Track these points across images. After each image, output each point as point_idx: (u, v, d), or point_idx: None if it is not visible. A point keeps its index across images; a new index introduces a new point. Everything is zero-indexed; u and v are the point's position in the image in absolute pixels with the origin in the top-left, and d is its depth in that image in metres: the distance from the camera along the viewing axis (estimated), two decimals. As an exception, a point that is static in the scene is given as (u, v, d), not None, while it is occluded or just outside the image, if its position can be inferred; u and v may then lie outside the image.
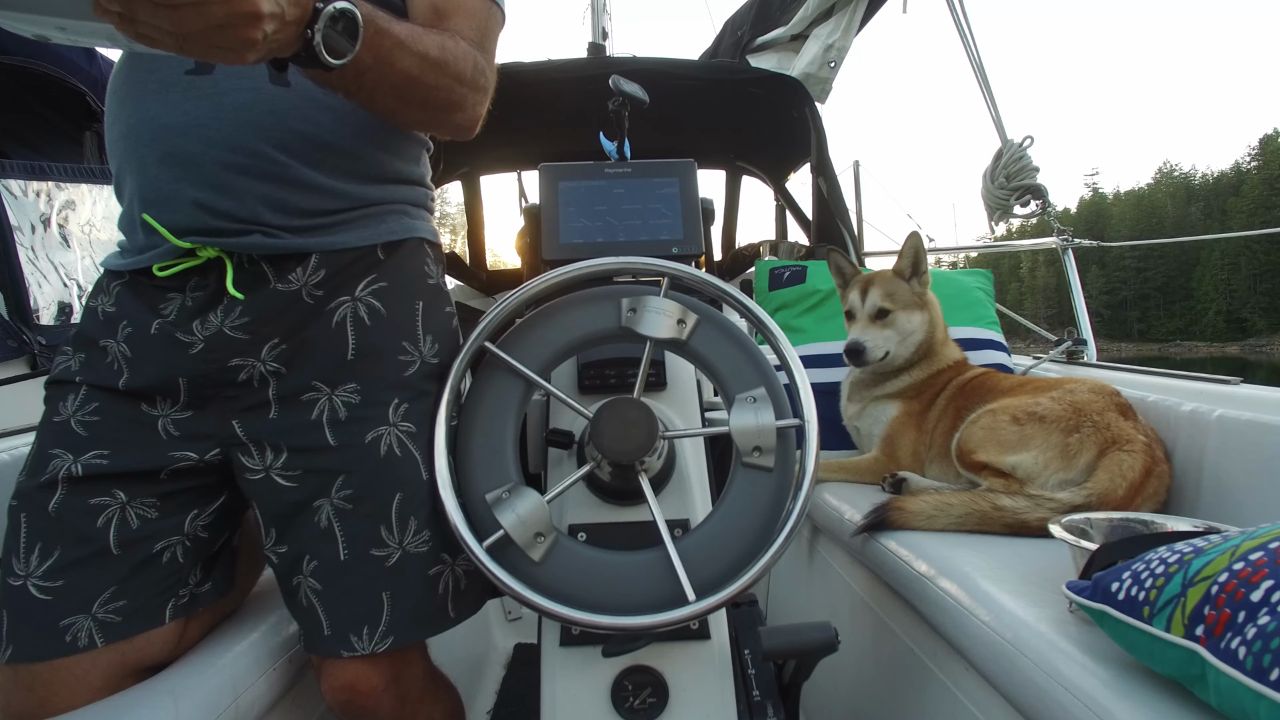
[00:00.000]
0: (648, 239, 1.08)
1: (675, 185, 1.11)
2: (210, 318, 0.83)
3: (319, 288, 0.86)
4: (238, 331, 0.83)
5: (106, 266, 0.91)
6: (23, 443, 1.25)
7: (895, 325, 1.55)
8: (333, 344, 0.86)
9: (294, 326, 0.85)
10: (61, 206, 2.34)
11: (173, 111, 0.81)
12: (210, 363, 0.83)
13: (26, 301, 2.07)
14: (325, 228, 0.86)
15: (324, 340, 0.86)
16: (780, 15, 2.56)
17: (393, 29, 0.73)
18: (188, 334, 0.83)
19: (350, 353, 0.87)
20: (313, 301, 0.85)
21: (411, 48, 0.75)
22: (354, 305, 0.87)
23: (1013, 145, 2.06)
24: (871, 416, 1.60)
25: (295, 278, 0.85)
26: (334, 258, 0.86)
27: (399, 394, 0.88)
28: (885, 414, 1.57)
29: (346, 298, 0.87)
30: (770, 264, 2.20)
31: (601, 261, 0.91)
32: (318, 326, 0.86)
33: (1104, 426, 1.25)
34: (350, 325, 0.87)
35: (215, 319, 0.83)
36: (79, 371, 0.86)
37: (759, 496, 0.85)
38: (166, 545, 0.84)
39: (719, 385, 0.91)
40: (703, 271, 0.92)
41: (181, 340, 0.83)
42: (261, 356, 0.84)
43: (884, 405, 1.59)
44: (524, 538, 0.81)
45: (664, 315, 0.90)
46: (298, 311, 0.85)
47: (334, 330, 0.86)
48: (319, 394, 0.86)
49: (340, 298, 0.87)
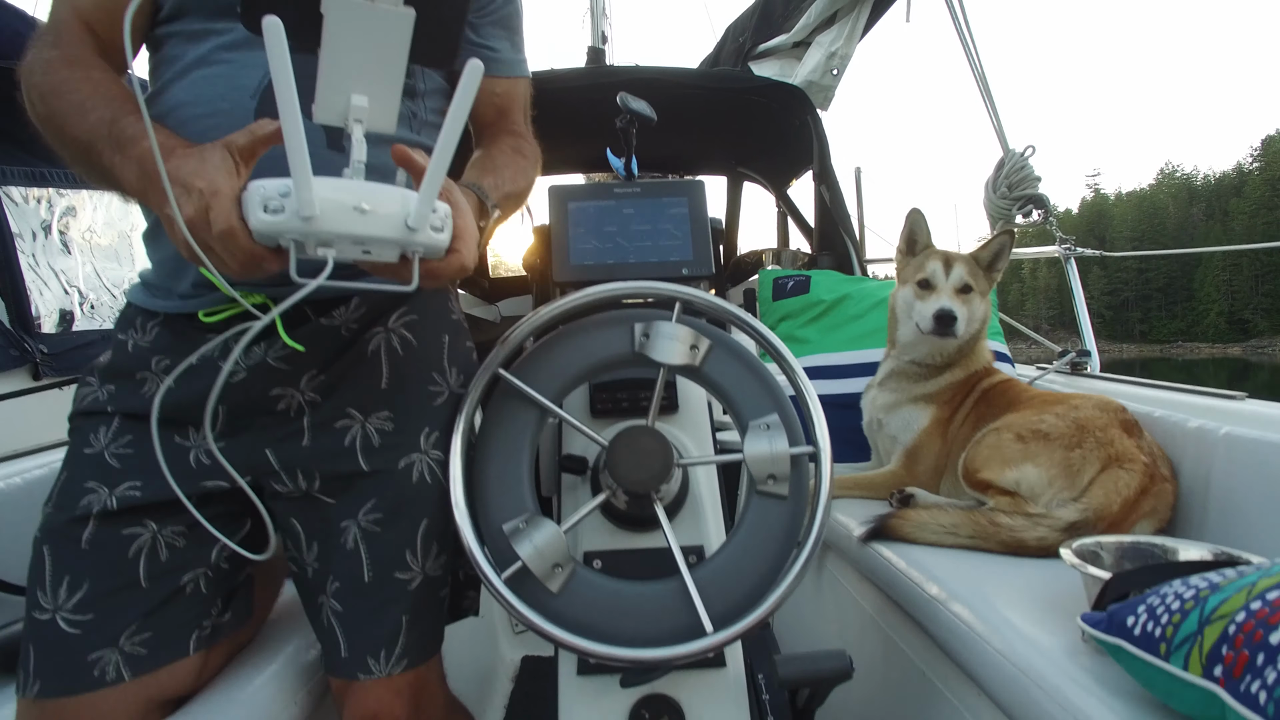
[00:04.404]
0: (658, 260, 1.08)
1: (684, 205, 1.10)
2: (254, 349, 0.84)
3: (356, 322, 0.88)
4: (280, 362, 0.84)
5: (138, 304, 0.89)
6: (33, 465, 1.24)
7: (971, 305, 1.50)
8: (368, 373, 0.88)
9: (331, 357, 0.87)
10: (62, 213, 2.33)
11: None
12: (251, 391, 0.84)
13: (28, 309, 2.06)
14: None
15: (359, 370, 0.88)
16: (782, 23, 2.56)
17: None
18: (227, 359, 0.83)
19: (384, 382, 0.89)
20: (349, 334, 0.88)
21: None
22: (387, 336, 0.90)
23: (1014, 155, 2.05)
24: (902, 419, 1.56)
25: (338, 315, 0.87)
26: (374, 295, 0.88)
27: (430, 422, 0.90)
28: (916, 421, 1.53)
29: (380, 328, 0.90)
30: (774, 274, 2.19)
31: (613, 287, 0.91)
32: (353, 356, 0.88)
33: (1106, 443, 1.24)
34: (384, 355, 0.89)
35: (259, 350, 0.84)
36: (109, 402, 0.86)
37: (774, 525, 0.85)
38: (192, 577, 0.85)
39: (732, 411, 0.91)
40: (714, 295, 0.91)
41: (222, 368, 0.83)
42: (300, 386, 0.86)
43: (918, 410, 1.55)
44: (542, 569, 0.81)
45: (677, 341, 0.89)
46: (336, 343, 0.87)
47: (369, 360, 0.89)
48: (352, 421, 0.87)
49: (374, 328, 0.89)
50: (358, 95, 0.69)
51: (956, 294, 1.49)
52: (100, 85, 0.79)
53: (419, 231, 0.66)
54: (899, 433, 1.56)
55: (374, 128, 0.70)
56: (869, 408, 1.66)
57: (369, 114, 0.69)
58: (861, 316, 2.02)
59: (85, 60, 0.82)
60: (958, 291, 1.50)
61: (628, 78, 2.37)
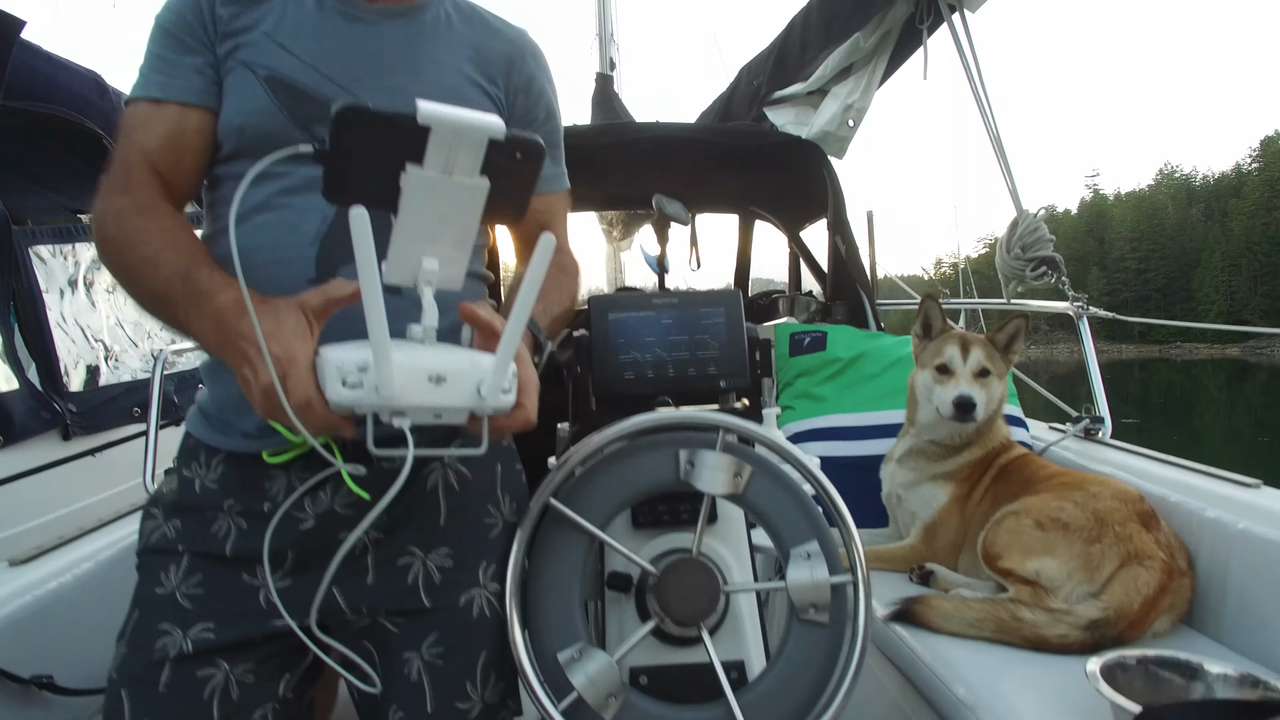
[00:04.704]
0: (696, 373, 1.11)
1: (721, 315, 1.14)
2: (320, 495, 0.87)
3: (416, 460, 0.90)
4: (347, 509, 0.87)
5: (199, 438, 0.92)
6: (80, 557, 1.27)
7: (989, 389, 1.55)
8: (427, 510, 0.92)
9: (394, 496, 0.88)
10: (88, 267, 2.36)
11: None
12: (318, 538, 0.87)
13: (58, 369, 2.09)
14: None
15: (418, 507, 0.91)
16: (798, 71, 2.58)
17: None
18: (299, 509, 0.86)
19: (442, 519, 0.92)
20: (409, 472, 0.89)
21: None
22: (444, 472, 0.93)
23: (1028, 216, 2.08)
24: (921, 497, 1.61)
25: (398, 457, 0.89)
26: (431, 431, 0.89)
27: (487, 555, 0.93)
28: (936, 498, 1.58)
29: (436, 464, 0.93)
30: (789, 328, 2.22)
31: (660, 416, 0.94)
32: (413, 494, 0.90)
33: (1125, 538, 1.28)
34: (442, 492, 0.93)
35: (325, 497, 0.87)
36: (179, 540, 0.88)
37: (815, 652, 0.88)
38: (262, 713, 0.87)
39: (773, 536, 0.94)
40: (757, 426, 0.95)
41: (294, 515, 0.86)
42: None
43: (937, 487, 1.59)
44: (596, 699, 0.85)
45: (720, 471, 0.93)
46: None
47: (428, 496, 0.92)
48: (413, 558, 0.90)
49: (431, 464, 0.92)
50: (429, 259, 0.71)
51: (975, 378, 1.53)
52: (170, 234, 0.82)
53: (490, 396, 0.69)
54: (918, 509, 1.60)
55: (442, 287, 0.73)
56: (888, 481, 1.69)
57: (438, 275, 0.71)
58: (878, 376, 2.06)
59: (154, 207, 0.85)
60: (976, 376, 1.53)
61: (648, 135, 2.41)
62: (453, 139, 0.66)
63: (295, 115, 0.88)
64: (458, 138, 0.67)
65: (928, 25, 2.22)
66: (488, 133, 0.67)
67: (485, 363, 0.71)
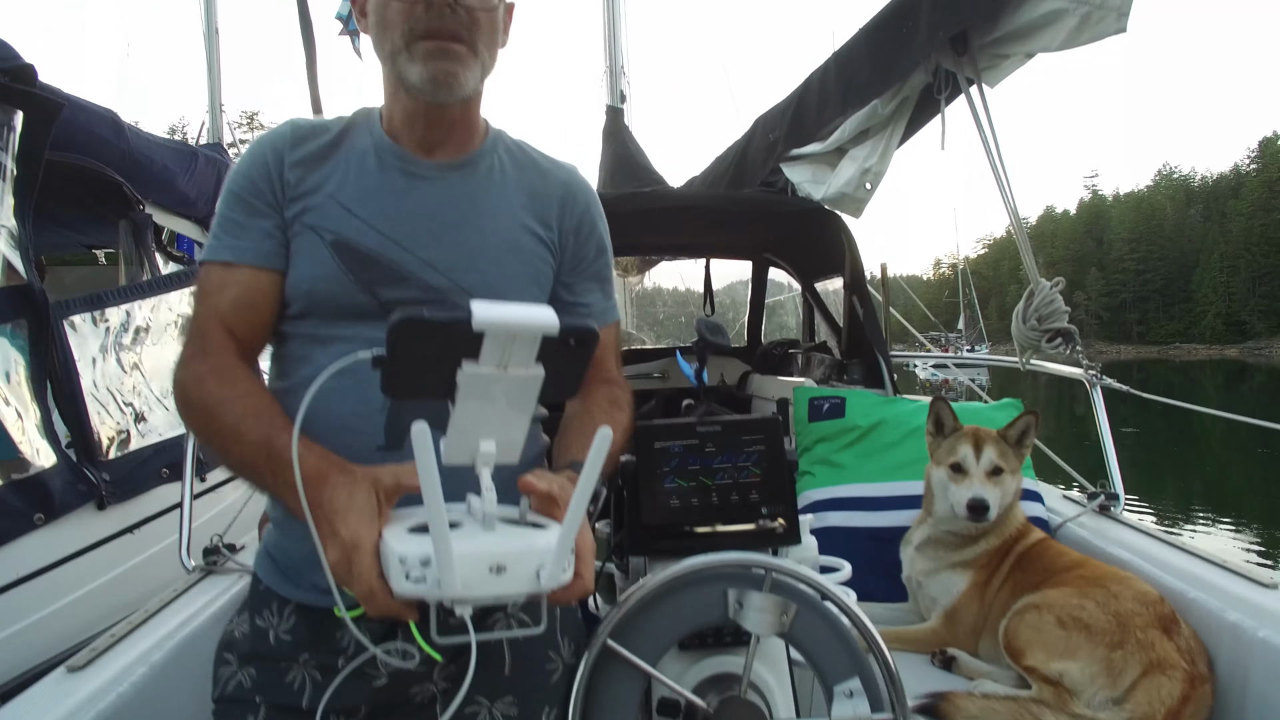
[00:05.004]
0: (738, 499, 1.15)
1: (762, 443, 1.18)
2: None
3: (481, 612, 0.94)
4: (419, 666, 0.90)
5: (270, 586, 0.95)
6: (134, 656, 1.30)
7: (1002, 485, 1.61)
8: (493, 660, 0.95)
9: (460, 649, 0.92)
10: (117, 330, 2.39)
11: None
12: (392, 693, 0.91)
13: (92, 439, 2.13)
14: None
15: (485, 657, 0.94)
16: (816, 131, 2.62)
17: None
18: (371, 666, 0.90)
19: (507, 668, 0.96)
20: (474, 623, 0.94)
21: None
22: (507, 621, 0.97)
23: (1044, 288, 2.12)
24: (940, 584, 1.66)
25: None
26: None
27: (549, 700, 0.97)
28: (955, 585, 1.63)
29: (500, 613, 0.96)
30: (809, 393, 2.27)
31: (712, 561, 0.98)
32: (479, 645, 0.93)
33: (1148, 645, 1.32)
34: (506, 641, 0.96)
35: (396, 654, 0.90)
36: (255, 690, 0.92)
37: None
38: None
39: (817, 673, 0.98)
40: (809, 571, 0.99)
41: (366, 672, 0.90)
42: (434, 679, 0.93)
43: (956, 575, 1.64)
44: None
45: (768, 613, 0.97)
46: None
47: (494, 647, 0.95)
48: (479, 707, 0.94)
49: (495, 613, 0.96)
50: (486, 441, 0.74)
51: (988, 477, 1.59)
52: (250, 399, 0.86)
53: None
54: (939, 595, 1.65)
55: (498, 462, 0.75)
56: (908, 565, 1.75)
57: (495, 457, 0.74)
58: (897, 445, 2.10)
59: (232, 371, 0.88)
60: (989, 475, 1.59)
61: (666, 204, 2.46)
62: (507, 339, 0.69)
63: (360, 279, 0.92)
64: (512, 338, 0.69)
65: (945, 96, 2.25)
66: (541, 331, 0.70)
67: (543, 542, 0.73)
